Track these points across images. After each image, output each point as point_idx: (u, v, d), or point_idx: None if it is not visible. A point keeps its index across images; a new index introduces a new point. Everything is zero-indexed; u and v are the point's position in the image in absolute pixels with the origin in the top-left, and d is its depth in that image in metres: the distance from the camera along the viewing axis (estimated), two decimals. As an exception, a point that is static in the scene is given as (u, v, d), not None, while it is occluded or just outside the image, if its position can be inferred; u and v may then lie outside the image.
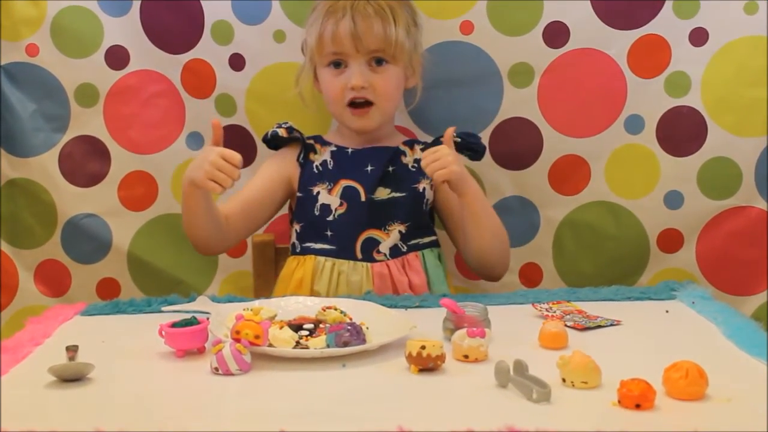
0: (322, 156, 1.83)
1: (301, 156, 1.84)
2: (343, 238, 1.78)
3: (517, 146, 1.96)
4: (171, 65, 1.98)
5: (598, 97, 1.94)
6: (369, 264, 1.77)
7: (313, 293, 1.76)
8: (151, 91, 2.00)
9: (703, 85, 1.91)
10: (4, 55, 1.97)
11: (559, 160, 1.96)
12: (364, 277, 1.76)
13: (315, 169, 1.82)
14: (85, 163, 2.01)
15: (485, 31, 1.91)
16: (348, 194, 1.79)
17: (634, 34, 1.91)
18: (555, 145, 1.95)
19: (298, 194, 1.82)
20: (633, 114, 1.94)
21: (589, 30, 1.91)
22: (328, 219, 1.78)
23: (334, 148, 1.84)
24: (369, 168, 1.80)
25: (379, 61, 1.77)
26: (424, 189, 1.81)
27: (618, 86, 1.93)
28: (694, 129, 1.93)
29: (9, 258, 2.03)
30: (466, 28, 1.91)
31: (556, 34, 1.91)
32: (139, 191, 2.02)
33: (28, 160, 2.00)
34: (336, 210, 1.78)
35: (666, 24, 1.90)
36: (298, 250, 1.81)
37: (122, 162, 2.01)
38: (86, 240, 2.03)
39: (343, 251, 1.78)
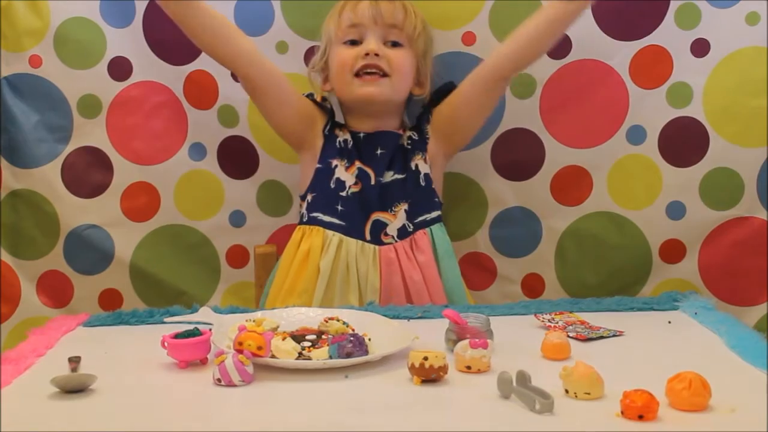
0: (344, 135, 1.84)
1: (327, 128, 1.85)
2: (353, 216, 1.79)
3: (519, 157, 1.96)
4: (173, 76, 1.99)
5: (600, 108, 1.94)
6: (377, 247, 1.78)
7: (318, 270, 1.77)
8: (153, 102, 2.00)
9: (705, 95, 1.91)
10: (7, 66, 1.97)
11: (561, 171, 1.97)
12: (370, 262, 1.77)
13: (338, 144, 1.83)
14: (88, 173, 2.01)
15: (487, 42, 1.91)
16: (362, 177, 1.81)
17: (636, 45, 1.91)
18: (557, 155, 1.96)
19: (318, 165, 1.83)
20: (635, 124, 1.94)
21: (591, 41, 1.91)
22: (341, 194, 1.79)
23: (350, 132, 1.85)
24: (379, 152, 1.82)
25: (395, 44, 1.80)
26: (417, 165, 1.82)
27: (620, 97, 1.93)
28: (696, 139, 1.92)
29: (11, 269, 2.03)
30: (468, 38, 1.92)
31: (558, 45, 1.90)
32: (141, 202, 2.03)
33: (31, 170, 2.00)
34: (350, 188, 1.80)
35: (668, 35, 1.90)
36: (305, 220, 1.82)
37: (125, 173, 2.01)
38: (89, 251, 2.02)
39: (352, 230, 1.79)
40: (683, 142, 1.93)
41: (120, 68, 1.99)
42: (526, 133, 1.95)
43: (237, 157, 2.01)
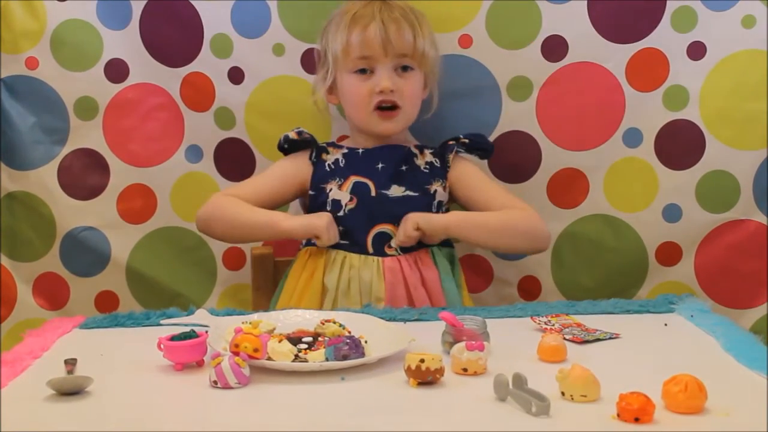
0: (334, 155, 1.84)
1: (313, 155, 1.85)
2: (354, 232, 1.79)
3: (515, 159, 1.96)
4: (170, 78, 1.99)
5: (596, 111, 1.94)
6: (380, 258, 1.78)
7: (323, 287, 1.77)
8: (150, 104, 2.00)
9: (701, 98, 1.92)
10: (4, 68, 1.97)
11: (557, 174, 1.97)
12: (374, 273, 1.77)
13: (327, 168, 1.83)
14: (85, 176, 2.01)
15: (484, 45, 1.91)
16: (358, 189, 1.80)
17: (633, 48, 1.91)
18: (553, 158, 1.96)
19: (311, 192, 1.83)
20: (631, 127, 1.94)
21: (587, 44, 1.91)
22: (338, 214, 1.79)
23: (345, 150, 1.85)
24: (380, 165, 1.81)
25: (405, 68, 1.79)
26: (435, 191, 1.81)
27: (616, 100, 1.93)
28: (693, 142, 1.93)
29: (7, 271, 2.03)
30: (465, 41, 1.92)
31: (555, 48, 1.91)
32: (138, 204, 2.03)
33: (28, 173, 2.00)
34: (346, 205, 1.79)
35: (664, 38, 1.91)
36: (312, 242, 1.81)
37: (121, 175, 2.01)
38: (85, 253, 2.02)
39: (355, 246, 1.79)
40: (679, 145, 1.94)
41: (116, 70, 1.99)
42: (522, 135, 1.95)
43: (233, 160, 2.01)
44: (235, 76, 1.96)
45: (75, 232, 2.02)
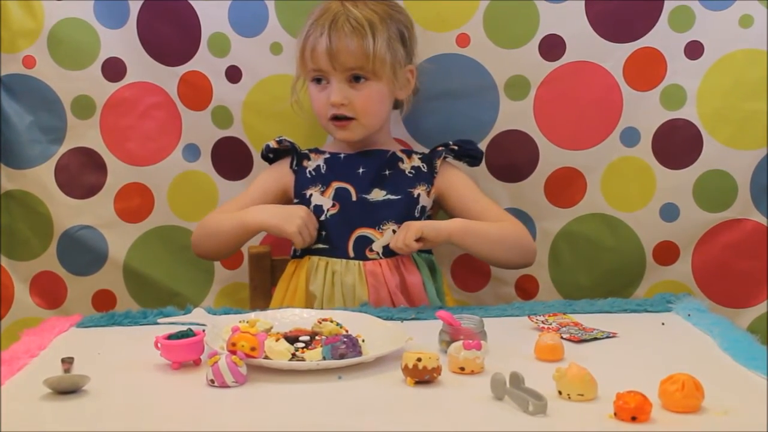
0: (316, 162, 1.85)
1: (294, 163, 1.85)
2: (335, 237, 1.79)
3: (513, 158, 1.96)
4: (168, 77, 1.99)
5: (594, 110, 1.94)
6: (361, 262, 1.78)
7: (309, 294, 1.78)
8: (147, 103, 2.00)
9: (698, 98, 1.92)
10: (1, 66, 1.97)
11: (555, 173, 1.97)
12: (356, 277, 1.77)
13: (308, 174, 1.84)
14: (82, 174, 2.01)
15: (482, 44, 1.91)
16: (340, 195, 1.80)
17: (630, 47, 1.91)
18: (551, 157, 1.96)
19: (295, 200, 1.84)
20: (629, 126, 1.94)
21: (585, 43, 1.91)
22: (320, 219, 1.79)
23: (327, 156, 1.86)
24: (360, 170, 1.82)
25: (358, 78, 1.78)
26: (419, 195, 1.81)
27: (614, 99, 1.93)
28: (690, 142, 1.93)
29: (5, 270, 2.03)
30: (463, 40, 1.92)
31: (553, 47, 1.91)
32: (135, 203, 2.02)
33: (25, 171, 2.00)
34: (328, 210, 1.79)
35: (661, 37, 1.91)
36: (297, 254, 1.83)
37: (118, 174, 2.01)
38: (82, 252, 2.02)
39: (336, 250, 1.79)
40: (677, 144, 1.94)
41: (114, 69, 1.98)
42: (519, 134, 1.95)
43: (231, 158, 2.01)
44: (233, 74, 1.96)
45: (72, 230, 2.02)
